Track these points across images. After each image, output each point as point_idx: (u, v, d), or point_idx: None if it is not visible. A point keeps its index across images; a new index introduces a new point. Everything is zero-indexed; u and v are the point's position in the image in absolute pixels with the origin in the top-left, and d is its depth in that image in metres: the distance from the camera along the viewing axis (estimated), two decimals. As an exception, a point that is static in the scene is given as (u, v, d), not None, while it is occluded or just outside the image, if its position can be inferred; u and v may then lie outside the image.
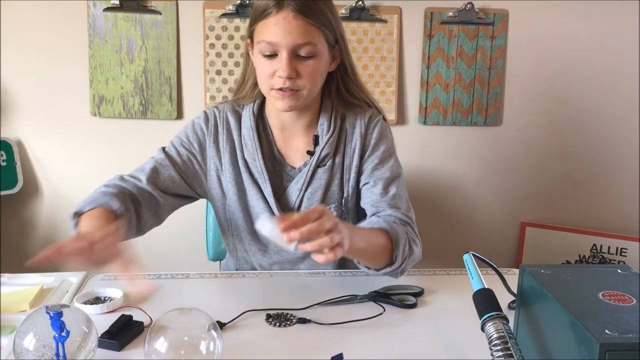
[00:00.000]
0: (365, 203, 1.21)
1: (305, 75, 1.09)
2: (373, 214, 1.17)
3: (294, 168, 1.22)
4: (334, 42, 1.14)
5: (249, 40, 1.16)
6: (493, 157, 2.07)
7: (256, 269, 1.28)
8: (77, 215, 1.07)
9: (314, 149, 1.21)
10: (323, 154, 1.20)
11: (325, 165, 1.21)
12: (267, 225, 0.86)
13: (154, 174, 1.16)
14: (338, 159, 1.21)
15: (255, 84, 1.21)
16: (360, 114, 1.24)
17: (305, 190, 1.20)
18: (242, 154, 1.20)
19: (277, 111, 1.19)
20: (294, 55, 1.08)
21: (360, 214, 1.28)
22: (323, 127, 1.21)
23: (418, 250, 1.14)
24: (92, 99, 1.92)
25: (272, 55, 1.08)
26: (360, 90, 1.25)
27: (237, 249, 1.29)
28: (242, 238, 1.25)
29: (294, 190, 1.21)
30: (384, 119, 1.27)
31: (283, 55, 1.07)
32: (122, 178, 1.16)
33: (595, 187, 2.10)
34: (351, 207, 1.25)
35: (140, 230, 1.15)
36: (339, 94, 1.23)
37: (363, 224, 1.13)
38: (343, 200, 1.22)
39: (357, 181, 1.23)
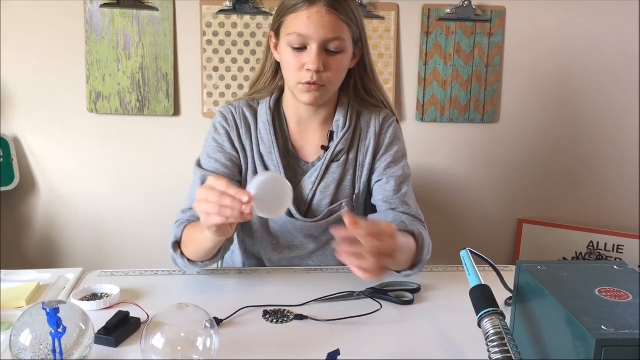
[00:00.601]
0: (377, 200, 1.23)
1: (333, 70, 1.12)
2: (387, 209, 1.20)
3: (307, 163, 1.24)
4: (358, 39, 1.16)
5: (272, 34, 1.18)
6: (490, 154, 2.07)
7: (263, 264, 1.29)
8: (177, 244, 1.10)
9: (329, 144, 1.22)
10: (337, 149, 1.21)
11: (339, 160, 1.22)
12: (254, 181, 0.89)
13: None
14: (352, 155, 1.23)
15: (273, 78, 1.24)
16: (376, 113, 1.26)
17: (319, 184, 1.21)
18: (258, 148, 1.22)
19: (295, 104, 1.21)
20: (323, 49, 1.10)
21: (369, 210, 1.30)
22: (339, 124, 1.22)
23: (430, 249, 1.16)
24: (88, 96, 1.91)
25: (301, 49, 1.10)
26: (377, 90, 1.27)
27: (247, 243, 1.31)
28: (254, 232, 1.26)
29: (307, 184, 1.22)
30: (397, 121, 1.29)
31: (313, 48, 1.09)
32: (183, 211, 1.16)
33: (593, 185, 2.11)
34: (362, 203, 1.27)
35: (226, 247, 1.18)
36: (356, 92, 1.25)
37: (389, 219, 1.15)
38: (354, 196, 1.24)
39: (369, 178, 1.25)
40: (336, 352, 0.78)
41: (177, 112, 1.95)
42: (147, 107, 1.93)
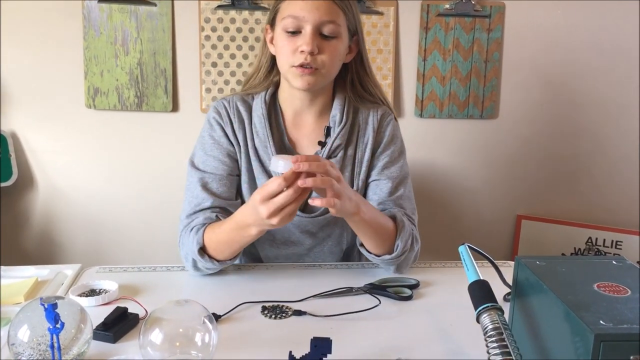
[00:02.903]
0: (372, 199, 1.22)
1: (327, 53, 1.11)
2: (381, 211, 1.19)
3: None
4: (354, 30, 1.16)
5: (268, 27, 1.18)
6: (489, 150, 2.07)
7: (259, 261, 1.28)
8: (203, 250, 1.10)
9: (325, 140, 1.21)
10: (335, 144, 1.20)
11: (336, 156, 1.21)
12: (279, 163, 0.95)
13: (209, 191, 1.16)
14: (350, 152, 1.22)
15: (269, 72, 1.23)
16: (373, 109, 1.25)
17: None
18: (252, 143, 1.20)
19: (291, 95, 1.20)
20: (318, 33, 1.10)
21: None
22: (335, 119, 1.21)
23: (417, 249, 1.16)
24: (87, 91, 1.91)
25: (295, 33, 1.10)
26: (374, 86, 1.26)
27: None
28: None
29: None
30: (395, 119, 1.29)
31: (307, 30, 1.09)
32: (188, 216, 1.16)
33: (591, 180, 2.11)
34: None
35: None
36: (353, 87, 1.24)
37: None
38: None
39: (368, 175, 1.24)
40: (326, 342, 0.77)
41: (175, 107, 1.95)
42: (146, 103, 1.93)
